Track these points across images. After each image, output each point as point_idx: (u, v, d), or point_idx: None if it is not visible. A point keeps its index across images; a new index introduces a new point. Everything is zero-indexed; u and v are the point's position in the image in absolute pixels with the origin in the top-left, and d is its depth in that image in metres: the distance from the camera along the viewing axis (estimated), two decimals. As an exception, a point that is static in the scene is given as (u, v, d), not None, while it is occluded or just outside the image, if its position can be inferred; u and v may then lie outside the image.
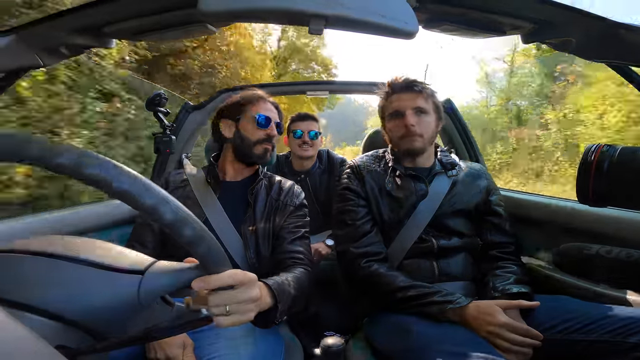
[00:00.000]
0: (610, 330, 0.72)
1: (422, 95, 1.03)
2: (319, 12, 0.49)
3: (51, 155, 0.34)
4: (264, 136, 1.02)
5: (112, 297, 0.41)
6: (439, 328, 0.81)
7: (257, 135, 1.02)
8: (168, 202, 0.38)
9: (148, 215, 0.37)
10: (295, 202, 1.04)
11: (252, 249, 0.96)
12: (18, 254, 0.42)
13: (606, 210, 0.96)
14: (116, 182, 0.35)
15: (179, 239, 0.40)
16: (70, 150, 0.35)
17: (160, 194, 0.38)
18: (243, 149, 1.02)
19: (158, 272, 0.44)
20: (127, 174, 0.36)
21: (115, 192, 0.35)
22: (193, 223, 0.40)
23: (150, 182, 0.38)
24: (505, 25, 0.64)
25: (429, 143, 1.06)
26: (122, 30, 0.66)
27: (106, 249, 0.46)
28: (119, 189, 0.35)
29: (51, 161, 0.34)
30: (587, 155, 0.62)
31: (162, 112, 1.38)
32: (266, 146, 1.02)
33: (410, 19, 0.51)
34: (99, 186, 0.35)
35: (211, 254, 0.43)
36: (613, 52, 0.64)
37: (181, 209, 0.39)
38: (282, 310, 0.70)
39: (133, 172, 0.37)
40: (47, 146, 0.34)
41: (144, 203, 0.36)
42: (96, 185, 0.35)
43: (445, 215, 1.01)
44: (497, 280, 0.93)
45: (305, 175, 1.81)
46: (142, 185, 0.36)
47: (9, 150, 0.34)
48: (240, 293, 0.50)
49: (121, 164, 0.36)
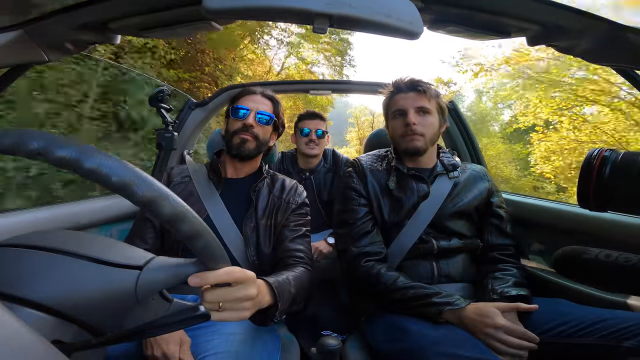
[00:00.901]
0: (605, 334, 0.73)
1: (425, 96, 1.03)
2: (324, 11, 0.49)
3: (51, 149, 0.34)
4: (240, 125, 1.01)
5: (109, 292, 0.41)
6: (436, 329, 0.81)
7: (234, 126, 1.02)
8: (167, 196, 0.38)
9: (146, 209, 0.37)
10: (297, 200, 1.04)
11: (253, 247, 0.96)
12: (16, 247, 0.42)
13: (606, 215, 0.96)
14: (115, 176, 0.35)
15: (178, 234, 0.40)
16: (70, 144, 0.35)
17: (159, 188, 0.37)
18: (227, 142, 1.04)
19: (156, 267, 0.44)
20: (126, 167, 0.36)
21: (114, 186, 0.35)
22: (192, 219, 0.40)
23: (149, 176, 0.37)
24: (511, 27, 0.64)
25: (431, 143, 1.06)
26: (127, 27, 0.66)
27: (104, 244, 0.45)
28: (119, 183, 0.35)
29: (52, 155, 0.34)
30: (589, 160, 0.62)
31: (165, 108, 1.38)
32: (242, 136, 1.01)
33: (415, 19, 0.51)
34: (98, 180, 0.35)
35: (209, 250, 0.43)
36: (620, 55, 0.64)
37: (180, 204, 0.39)
38: (281, 309, 0.69)
39: (132, 166, 0.37)
40: (47, 138, 0.34)
41: (143, 197, 0.36)
42: (95, 179, 0.35)
43: (446, 216, 1.01)
44: (496, 282, 0.93)
45: (310, 174, 1.81)
46: (142, 179, 0.36)
47: (10, 143, 0.34)
48: (236, 290, 0.50)
49: (119, 158, 0.36)
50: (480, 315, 0.81)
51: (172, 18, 0.63)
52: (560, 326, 0.79)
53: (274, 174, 1.11)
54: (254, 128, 1.01)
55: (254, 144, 1.02)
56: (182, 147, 1.63)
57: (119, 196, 0.37)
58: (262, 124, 1.03)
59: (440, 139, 1.17)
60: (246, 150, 1.01)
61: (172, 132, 1.40)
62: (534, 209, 1.23)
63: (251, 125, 1.01)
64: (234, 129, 1.02)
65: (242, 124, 1.01)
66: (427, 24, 0.63)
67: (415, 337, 0.78)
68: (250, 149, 1.01)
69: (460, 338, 0.77)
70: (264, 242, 0.97)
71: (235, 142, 1.01)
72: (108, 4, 0.59)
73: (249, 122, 1.01)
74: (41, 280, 0.39)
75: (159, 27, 0.65)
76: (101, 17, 0.64)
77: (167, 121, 1.40)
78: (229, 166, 1.07)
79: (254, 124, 1.01)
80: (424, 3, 0.58)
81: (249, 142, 1.01)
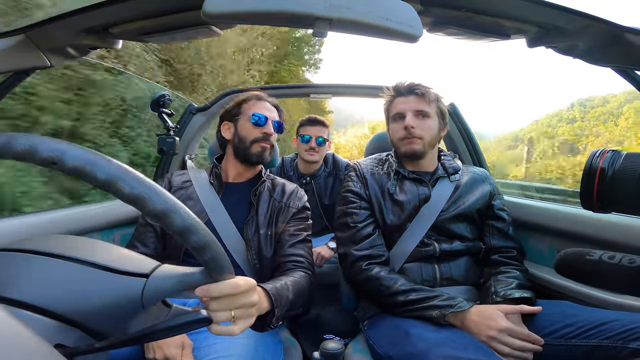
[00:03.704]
0: (610, 336, 0.72)
1: (424, 99, 1.04)
2: (324, 15, 0.49)
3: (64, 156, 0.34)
4: (261, 134, 1.02)
5: (116, 299, 0.42)
6: (439, 332, 0.80)
7: (253, 134, 1.02)
8: (178, 209, 0.38)
9: (158, 221, 0.38)
10: (298, 204, 1.04)
11: (254, 251, 0.96)
12: (23, 252, 0.42)
13: (609, 216, 0.95)
14: (128, 188, 0.35)
15: (186, 245, 0.41)
16: (82, 150, 0.35)
17: (171, 201, 0.38)
18: (241, 149, 1.03)
19: (163, 276, 0.45)
20: (140, 180, 0.36)
21: (128, 198, 0.36)
22: (201, 231, 0.41)
23: (162, 189, 0.38)
24: (511, 29, 0.64)
25: (430, 146, 1.06)
26: (128, 32, 0.67)
27: (111, 251, 0.46)
28: (132, 196, 0.36)
29: (64, 164, 0.34)
30: (592, 161, 0.62)
31: (166, 113, 1.39)
32: (263, 144, 1.02)
33: (414, 22, 0.51)
34: (111, 192, 0.36)
35: (217, 262, 0.44)
36: (620, 56, 0.64)
37: (191, 216, 0.40)
38: (278, 315, 0.70)
39: (145, 178, 0.37)
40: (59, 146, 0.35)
41: (155, 209, 0.37)
42: (108, 190, 0.36)
43: (448, 219, 1.01)
44: (499, 285, 0.92)
45: (311, 178, 1.82)
46: (154, 192, 0.37)
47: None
48: (239, 299, 0.52)
49: (134, 170, 0.37)
50: (484, 318, 0.80)
51: (173, 23, 0.63)
52: (564, 328, 0.79)
53: (274, 178, 1.12)
54: (272, 137, 1.03)
55: (270, 152, 1.05)
56: (184, 151, 1.64)
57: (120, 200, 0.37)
58: (276, 132, 1.06)
59: (442, 143, 1.17)
60: (266, 159, 1.03)
61: (174, 137, 1.40)
62: (536, 212, 1.22)
63: (271, 134, 1.03)
64: (253, 136, 1.02)
65: (262, 133, 1.02)
66: (426, 26, 0.63)
67: (417, 340, 0.78)
68: (268, 157, 1.04)
69: (464, 341, 0.76)
70: (265, 245, 0.97)
71: (255, 150, 1.02)
72: (109, 9, 0.60)
73: (270, 131, 1.03)
74: (47, 286, 0.40)
75: (160, 32, 0.66)
76: (102, 22, 0.65)
77: (169, 126, 1.40)
78: (232, 171, 1.07)
79: (272, 132, 1.03)
80: (423, 6, 0.58)
81: (267, 150, 1.03)
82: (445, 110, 1.08)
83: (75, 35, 0.66)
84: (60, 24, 0.63)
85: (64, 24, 0.63)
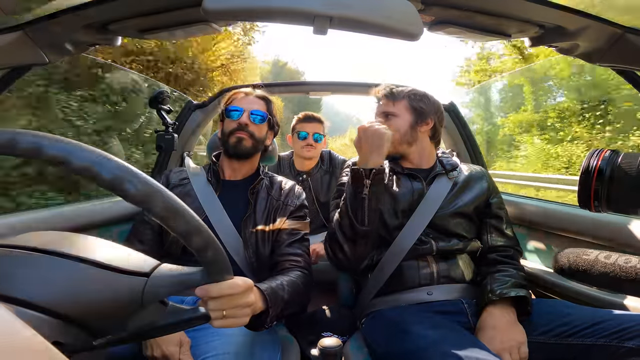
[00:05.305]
0: (606, 335, 0.72)
1: (390, 100, 1.07)
2: (324, 13, 0.49)
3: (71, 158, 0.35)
4: (236, 125, 1.02)
5: (116, 298, 0.42)
6: (437, 330, 0.80)
7: (229, 127, 1.03)
8: (183, 212, 0.39)
9: (162, 223, 0.39)
10: (296, 202, 1.04)
11: (252, 249, 0.96)
12: (23, 249, 0.42)
13: (606, 216, 0.96)
14: (134, 189, 0.36)
15: (188, 246, 0.41)
16: (91, 151, 0.36)
17: (177, 203, 0.39)
18: (223, 143, 1.05)
19: (163, 275, 0.45)
20: (145, 180, 0.37)
21: (134, 199, 0.37)
22: (204, 232, 0.41)
23: (168, 192, 0.39)
24: (512, 28, 0.64)
25: (405, 143, 1.06)
26: (128, 28, 0.66)
27: (111, 249, 0.46)
28: (139, 196, 0.37)
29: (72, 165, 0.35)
30: (589, 161, 0.62)
31: (165, 110, 1.38)
32: (238, 135, 1.02)
33: (415, 20, 0.51)
34: (119, 193, 0.36)
35: (217, 263, 0.45)
36: (620, 56, 0.64)
37: (195, 219, 0.40)
38: (273, 314, 0.70)
39: (153, 180, 0.38)
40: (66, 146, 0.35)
41: (160, 212, 0.38)
42: (112, 190, 0.36)
43: (445, 216, 1.01)
44: (495, 283, 0.93)
45: (307, 175, 1.81)
46: (161, 193, 0.38)
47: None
48: (236, 299, 0.54)
49: (141, 172, 0.37)
50: None
51: (172, 20, 0.63)
52: (561, 327, 0.79)
53: (273, 175, 1.11)
54: (249, 127, 1.02)
55: (250, 142, 1.03)
56: (182, 148, 1.63)
57: (119, 197, 0.37)
58: (256, 123, 1.04)
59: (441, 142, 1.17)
60: (243, 148, 1.02)
61: (172, 133, 1.40)
62: (533, 210, 1.23)
63: (246, 124, 1.02)
64: (229, 129, 1.03)
65: (237, 124, 1.02)
66: (426, 25, 0.63)
67: (415, 338, 0.78)
68: (247, 147, 1.02)
69: (461, 338, 0.76)
70: (262, 244, 0.97)
71: (232, 141, 1.02)
72: (108, 5, 0.59)
73: (243, 121, 1.02)
74: (46, 284, 0.40)
75: (159, 29, 0.66)
76: (101, 19, 0.64)
77: (168, 123, 1.40)
78: (227, 168, 1.07)
79: (248, 123, 1.03)
80: (424, 4, 0.58)
81: (245, 140, 1.02)
82: (422, 105, 1.07)
83: (74, 31, 0.66)
84: (58, 21, 0.62)
85: (63, 20, 0.62)
